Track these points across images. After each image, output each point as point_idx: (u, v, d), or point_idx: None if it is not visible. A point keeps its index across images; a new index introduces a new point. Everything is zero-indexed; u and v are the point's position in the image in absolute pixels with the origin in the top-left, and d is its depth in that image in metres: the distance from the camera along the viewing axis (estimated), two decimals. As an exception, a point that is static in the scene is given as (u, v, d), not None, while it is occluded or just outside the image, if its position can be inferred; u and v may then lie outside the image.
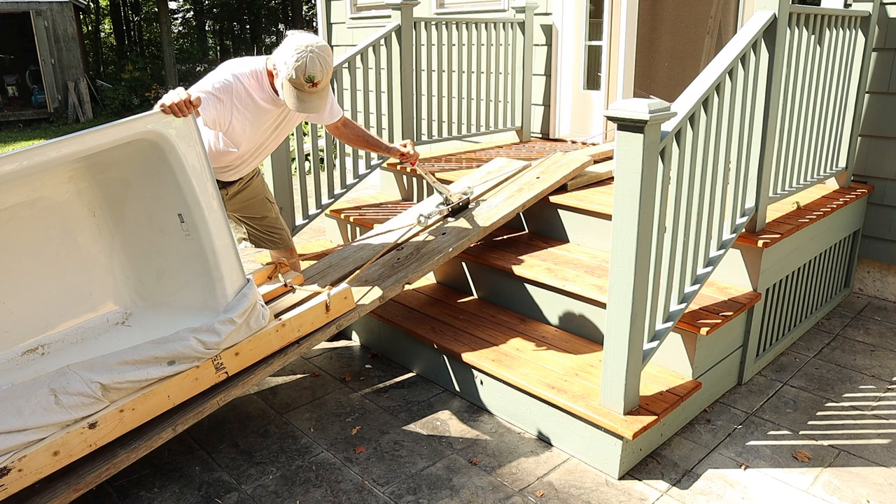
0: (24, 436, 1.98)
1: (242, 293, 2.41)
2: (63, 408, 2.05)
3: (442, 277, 3.60)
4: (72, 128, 13.12)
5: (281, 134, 2.81)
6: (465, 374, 2.86)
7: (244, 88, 2.52)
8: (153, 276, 2.54)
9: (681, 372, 2.64)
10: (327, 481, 2.38)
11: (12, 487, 1.95)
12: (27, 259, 2.33)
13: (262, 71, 2.55)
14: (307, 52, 2.37)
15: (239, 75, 2.51)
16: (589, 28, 4.87)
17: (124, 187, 2.42)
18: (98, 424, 2.10)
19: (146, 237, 2.48)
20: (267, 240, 3.10)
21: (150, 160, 2.28)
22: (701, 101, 2.30)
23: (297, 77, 2.38)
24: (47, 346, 2.38)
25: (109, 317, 2.53)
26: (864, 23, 3.37)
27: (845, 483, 2.31)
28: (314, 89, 2.43)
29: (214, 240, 2.34)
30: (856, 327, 3.48)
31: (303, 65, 2.37)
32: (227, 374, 2.40)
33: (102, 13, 27.44)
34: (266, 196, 3.05)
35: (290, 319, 2.55)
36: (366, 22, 6.38)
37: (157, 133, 2.19)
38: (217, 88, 2.46)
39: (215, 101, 2.45)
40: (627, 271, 2.19)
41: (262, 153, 2.83)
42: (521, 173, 3.70)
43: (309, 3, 24.67)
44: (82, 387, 2.08)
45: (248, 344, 2.43)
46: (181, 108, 2.19)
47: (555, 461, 2.46)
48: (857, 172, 3.72)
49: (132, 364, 2.18)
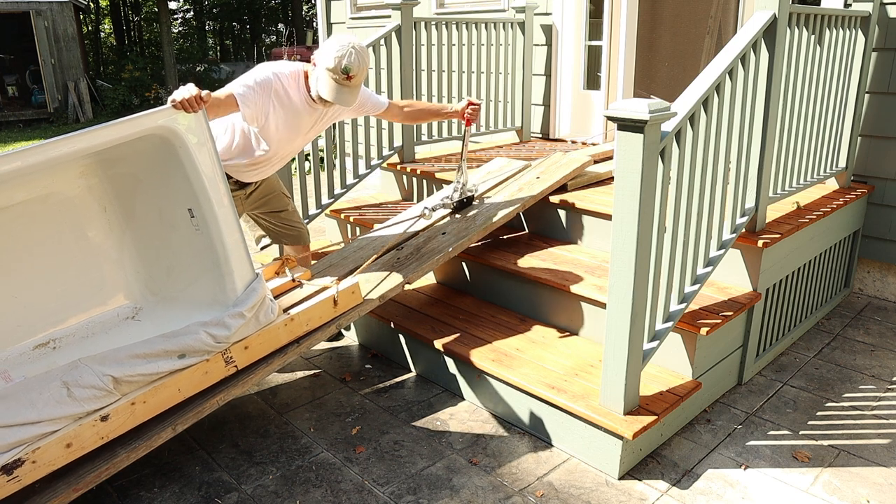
0: (37, 428, 2.01)
1: (252, 287, 2.43)
2: (76, 400, 2.07)
3: (442, 277, 3.60)
4: (71, 128, 13.11)
5: (309, 137, 2.90)
6: (465, 374, 2.86)
7: (283, 87, 2.62)
8: (163, 271, 2.56)
9: (681, 372, 2.64)
10: (327, 481, 2.38)
11: (26, 479, 1.98)
12: (39, 254, 2.35)
13: (300, 73, 2.67)
14: (349, 48, 2.53)
15: (279, 74, 2.62)
16: (589, 28, 4.87)
17: (135, 183, 2.44)
18: (110, 417, 2.13)
19: (156, 232, 2.50)
20: (287, 235, 3.17)
21: (161, 156, 2.30)
22: (701, 101, 2.30)
23: (335, 66, 2.51)
24: (58, 340, 2.40)
25: (120, 311, 2.55)
26: (864, 23, 3.37)
27: (845, 483, 2.31)
28: (348, 82, 2.55)
29: (224, 234, 2.37)
30: (856, 327, 3.48)
31: (342, 56, 2.51)
32: (237, 368, 2.42)
33: (102, 13, 27.46)
34: (282, 191, 3.14)
35: (298, 314, 2.57)
36: (366, 22, 6.38)
37: (167, 129, 2.21)
38: (258, 83, 2.56)
39: (255, 97, 2.54)
40: (627, 271, 2.19)
41: (288, 155, 2.91)
42: (521, 173, 3.70)
43: (309, 3, 24.68)
44: (94, 380, 2.11)
45: (257, 338, 2.45)
46: (192, 104, 2.23)
47: (555, 461, 2.46)
48: (857, 172, 3.72)
49: (143, 357, 2.21)
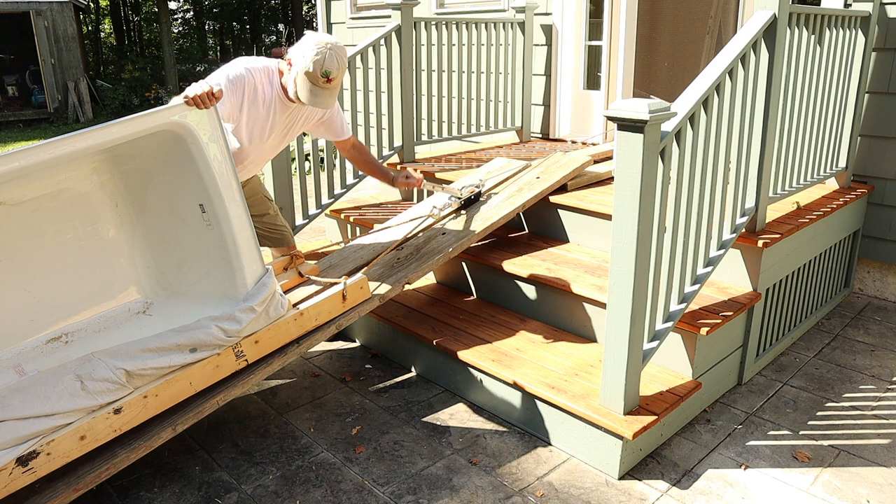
0: (51, 420, 2.02)
1: (262, 282, 2.44)
2: (89, 393, 2.09)
3: (442, 277, 3.60)
4: (71, 128, 13.11)
5: (283, 142, 2.87)
6: (465, 374, 2.86)
7: (255, 84, 2.59)
8: (174, 266, 2.58)
9: (681, 372, 2.64)
10: (327, 481, 2.38)
11: (41, 470, 1.99)
12: (51, 249, 2.37)
13: (274, 70, 2.63)
14: (326, 49, 2.48)
15: (252, 70, 2.59)
16: (589, 28, 4.87)
17: (146, 178, 2.46)
18: (123, 410, 2.14)
19: (167, 227, 2.52)
20: (269, 237, 3.15)
21: (173, 151, 2.31)
22: (701, 101, 2.30)
23: (314, 70, 2.47)
24: (70, 334, 2.42)
25: (131, 306, 2.57)
26: (864, 23, 3.37)
27: (845, 483, 2.31)
28: (328, 85, 2.52)
29: (235, 230, 2.38)
30: (856, 327, 3.48)
31: (321, 59, 2.46)
32: (247, 362, 2.43)
33: (102, 13, 27.44)
34: (264, 194, 3.11)
35: (308, 308, 2.59)
36: (366, 22, 6.38)
37: (180, 124, 2.23)
38: (231, 80, 2.53)
39: (229, 93, 2.52)
40: (627, 271, 2.19)
41: (263, 159, 2.88)
42: (521, 173, 3.70)
43: (309, 3, 24.66)
44: (107, 373, 2.13)
45: (267, 332, 2.46)
46: (204, 100, 2.24)
47: (555, 461, 2.46)
48: (857, 172, 3.72)
49: (155, 351, 2.23)
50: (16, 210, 2.24)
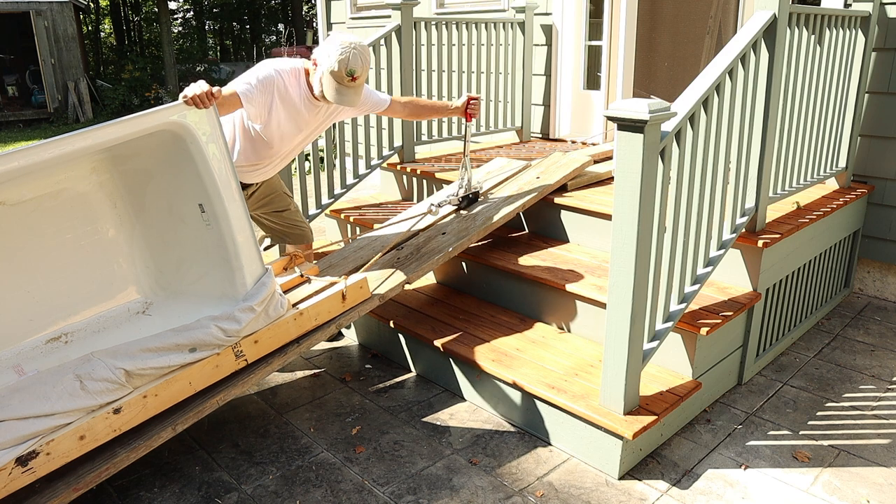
0: (50, 420, 2.02)
1: (261, 282, 2.45)
2: (88, 393, 2.09)
3: (442, 277, 3.59)
4: (71, 128, 13.11)
5: (310, 137, 2.91)
6: (465, 374, 2.86)
7: (284, 84, 2.63)
8: (173, 266, 2.58)
9: (681, 372, 2.64)
10: (327, 481, 2.38)
11: (41, 470, 1.99)
12: (51, 249, 2.38)
13: (301, 70, 2.68)
14: (350, 49, 2.53)
15: (280, 71, 2.63)
16: (589, 28, 4.87)
17: (145, 178, 2.47)
18: (122, 410, 2.15)
19: (166, 227, 2.52)
20: (289, 234, 3.18)
21: (172, 151, 2.32)
22: (701, 101, 2.30)
23: (339, 69, 2.52)
24: (70, 334, 2.42)
25: (130, 306, 2.58)
26: (864, 23, 3.37)
27: (845, 483, 2.31)
28: (353, 83, 2.57)
29: (234, 229, 2.39)
30: (856, 327, 3.48)
31: (346, 59, 2.51)
32: (247, 362, 2.44)
33: (102, 13, 27.45)
34: (284, 190, 3.16)
35: (308, 308, 2.59)
36: (366, 22, 6.38)
37: (178, 124, 2.23)
38: (261, 80, 2.57)
39: (258, 94, 2.56)
40: (627, 271, 2.19)
41: (290, 155, 2.92)
42: (521, 173, 3.70)
43: (309, 3, 24.67)
44: (107, 373, 2.13)
45: (267, 332, 2.47)
46: (203, 100, 2.25)
47: (555, 461, 2.46)
48: (857, 172, 3.72)
49: (154, 351, 2.23)
50: (15, 210, 2.24)
